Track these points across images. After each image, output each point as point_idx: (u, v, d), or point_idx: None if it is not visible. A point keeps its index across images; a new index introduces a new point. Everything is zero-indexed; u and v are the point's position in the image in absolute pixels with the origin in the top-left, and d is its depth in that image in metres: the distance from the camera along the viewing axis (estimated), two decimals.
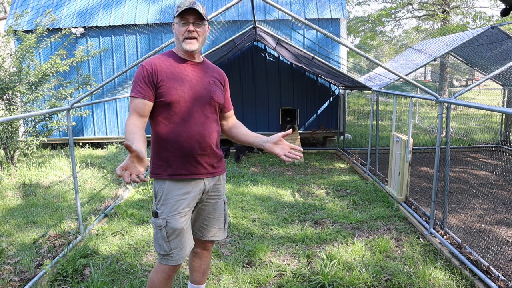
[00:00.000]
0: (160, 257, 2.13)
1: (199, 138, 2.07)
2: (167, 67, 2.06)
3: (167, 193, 2.07)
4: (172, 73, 2.05)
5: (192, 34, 2.04)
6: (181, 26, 2.05)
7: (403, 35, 25.42)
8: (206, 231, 2.31)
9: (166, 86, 2.02)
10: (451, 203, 4.76)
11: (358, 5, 18.26)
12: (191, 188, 2.10)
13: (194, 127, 2.06)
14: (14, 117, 3.16)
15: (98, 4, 8.22)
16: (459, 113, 10.84)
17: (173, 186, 2.07)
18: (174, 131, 2.04)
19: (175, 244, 2.07)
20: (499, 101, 9.10)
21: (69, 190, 5.47)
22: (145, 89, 2.01)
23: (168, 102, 2.02)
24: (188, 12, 2.03)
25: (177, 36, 2.08)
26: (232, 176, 5.98)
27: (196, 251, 2.39)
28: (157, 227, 2.08)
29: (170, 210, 2.06)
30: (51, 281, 3.06)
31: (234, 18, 7.85)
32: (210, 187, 2.20)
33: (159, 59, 2.09)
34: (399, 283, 2.99)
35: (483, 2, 38.76)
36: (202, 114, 2.10)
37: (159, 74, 2.03)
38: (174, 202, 2.06)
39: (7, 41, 6.63)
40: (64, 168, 6.64)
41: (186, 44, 2.05)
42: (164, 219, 2.06)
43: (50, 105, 6.52)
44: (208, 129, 2.12)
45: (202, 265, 2.43)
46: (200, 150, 2.08)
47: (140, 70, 2.05)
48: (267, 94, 8.23)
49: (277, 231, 3.96)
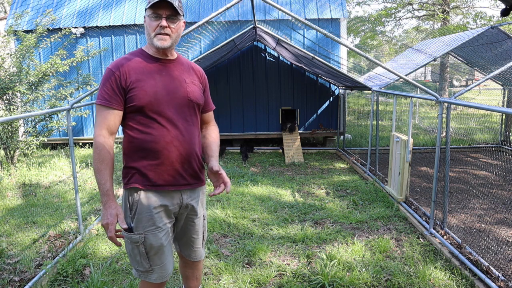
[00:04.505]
0: (139, 273, 1.97)
1: (177, 144, 1.89)
2: (137, 67, 1.88)
3: (142, 205, 1.88)
4: (143, 74, 1.87)
5: (164, 30, 1.85)
6: (153, 20, 1.85)
7: (403, 35, 25.42)
8: (191, 252, 2.16)
9: (137, 89, 1.84)
10: (451, 203, 4.76)
11: (358, 5, 18.27)
12: (168, 201, 1.93)
13: (171, 132, 1.88)
14: (14, 117, 3.16)
15: (98, 4, 8.22)
16: (459, 113, 10.84)
17: (149, 198, 1.89)
18: (149, 137, 1.86)
19: (156, 261, 1.93)
20: (499, 101, 9.11)
21: (69, 190, 5.47)
22: (113, 97, 1.84)
23: (140, 106, 1.84)
24: (161, 5, 1.82)
25: (147, 31, 1.89)
26: (232, 176, 5.97)
27: (187, 262, 2.25)
28: (133, 243, 1.90)
29: (147, 225, 1.89)
30: (51, 281, 3.06)
31: (234, 18, 7.85)
32: (187, 202, 2.00)
33: (126, 59, 1.90)
34: (399, 283, 2.99)
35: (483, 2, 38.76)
36: (180, 118, 1.91)
37: (128, 77, 1.85)
38: (150, 216, 1.89)
39: (7, 41, 6.63)
40: (64, 168, 6.64)
41: (158, 40, 1.85)
42: (141, 235, 1.88)
43: (50, 105, 6.52)
44: (188, 134, 1.93)
45: (195, 273, 2.31)
46: (179, 157, 1.90)
47: (107, 74, 1.86)
48: (267, 94, 8.23)
49: (277, 231, 3.96)
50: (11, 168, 6.30)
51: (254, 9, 5.33)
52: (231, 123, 8.25)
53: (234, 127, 8.27)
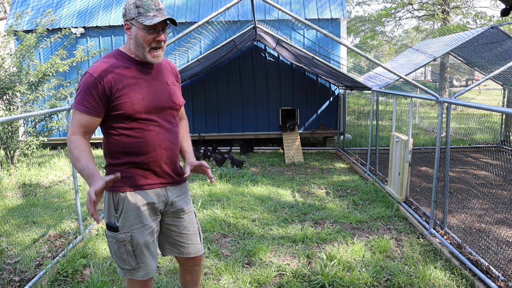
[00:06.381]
0: (125, 272, 1.98)
1: (164, 146, 1.93)
2: (121, 73, 1.84)
3: (128, 205, 1.90)
4: (127, 80, 1.84)
5: (160, 44, 1.84)
6: (149, 34, 1.80)
7: (403, 35, 25.44)
8: (184, 248, 2.12)
9: (123, 97, 1.81)
10: (451, 203, 4.76)
11: (358, 5, 18.28)
12: (153, 199, 1.95)
13: (160, 135, 1.91)
14: (14, 117, 3.16)
15: (98, 4, 8.23)
16: (459, 113, 10.85)
17: (135, 198, 1.91)
18: (139, 141, 1.87)
19: (142, 259, 1.95)
20: (499, 101, 9.11)
21: (69, 190, 5.47)
22: (94, 105, 1.79)
23: (128, 114, 1.83)
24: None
25: (140, 43, 1.82)
26: (232, 176, 5.97)
27: (187, 268, 2.23)
28: (119, 242, 1.92)
29: (133, 223, 1.91)
30: (51, 281, 3.06)
31: (234, 18, 7.85)
32: (173, 199, 2.02)
33: (108, 64, 1.83)
34: (399, 283, 2.99)
35: (483, 2, 38.76)
36: (166, 121, 1.94)
37: (113, 85, 1.80)
38: (137, 215, 1.91)
39: (7, 41, 6.63)
40: (64, 168, 6.64)
41: (153, 57, 1.85)
42: (128, 233, 1.90)
43: (50, 105, 6.52)
44: (173, 136, 1.98)
45: (194, 278, 2.28)
46: (166, 158, 1.95)
47: (88, 80, 1.79)
48: (267, 94, 8.23)
49: (277, 231, 3.96)
50: (11, 168, 6.30)
51: (254, 9, 5.33)
52: (231, 123, 8.25)
53: (234, 127, 8.27)
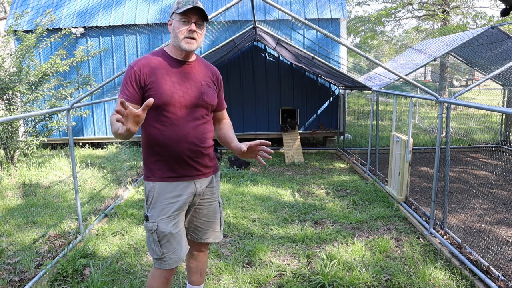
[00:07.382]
0: (154, 261, 2.11)
1: (190, 140, 2.02)
2: (157, 67, 2.00)
3: (157, 196, 2.04)
4: (162, 73, 1.99)
5: (192, 34, 1.98)
6: (182, 24, 1.97)
7: (403, 35, 25.42)
8: (201, 234, 2.28)
9: (155, 88, 1.96)
10: (451, 203, 4.76)
11: (358, 5, 18.27)
12: (181, 191, 2.06)
13: (185, 130, 2.01)
14: (14, 117, 3.16)
15: (98, 4, 8.23)
16: (459, 113, 10.85)
17: (163, 189, 2.04)
18: (165, 133, 1.99)
19: (167, 248, 2.04)
20: (499, 101, 9.11)
21: (69, 190, 5.47)
22: (131, 92, 1.96)
23: (158, 104, 1.95)
24: (192, 11, 1.97)
25: (175, 34, 1.99)
26: (232, 176, 5.97)
27: (192, 253, 2.36)
28: (148, 231, 2.05)
29: (160, 214, 2.02)
30: (51, 281, 3.06)
31: (234, 18, 7.85)
32: (202, 190, 2.15)
33: (148, 59, 2.03)
34: (399, 283, 2.99)
35: (483, 2, 38.76)
36: (194, 116, 2.05)
37: (148, 76, 1.97)
38: (164, 206, 2.03)
39: (7, 41, 6.63)
40: (64, 168, 6.64)
41: (186, 43, 1.98)
42: (155, 223, 2.02)
43: (50, 105, 6.52)
44: (201, 131, 2.07)
45: (198, 266, 2.41)
46: (191, 152, 2.04)
47: (128, 71, 1.99)
48: (267, 94, 8.23)
49: (277, 231, 3.96)
50: (11, 168, 6.30)
51: (254, 9, 5.33)
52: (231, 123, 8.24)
53: (234, 127, 8.21)
